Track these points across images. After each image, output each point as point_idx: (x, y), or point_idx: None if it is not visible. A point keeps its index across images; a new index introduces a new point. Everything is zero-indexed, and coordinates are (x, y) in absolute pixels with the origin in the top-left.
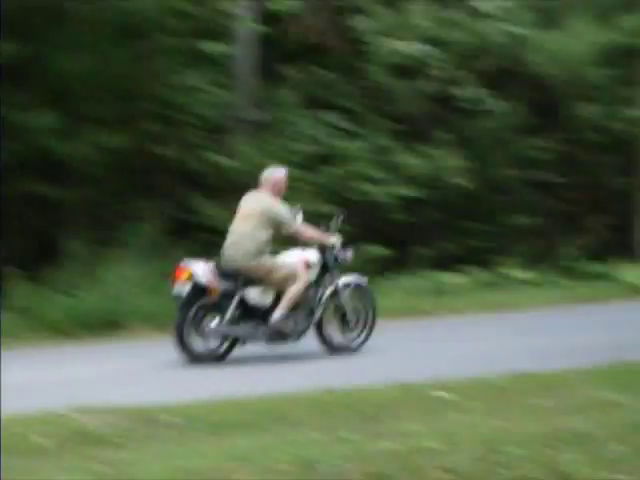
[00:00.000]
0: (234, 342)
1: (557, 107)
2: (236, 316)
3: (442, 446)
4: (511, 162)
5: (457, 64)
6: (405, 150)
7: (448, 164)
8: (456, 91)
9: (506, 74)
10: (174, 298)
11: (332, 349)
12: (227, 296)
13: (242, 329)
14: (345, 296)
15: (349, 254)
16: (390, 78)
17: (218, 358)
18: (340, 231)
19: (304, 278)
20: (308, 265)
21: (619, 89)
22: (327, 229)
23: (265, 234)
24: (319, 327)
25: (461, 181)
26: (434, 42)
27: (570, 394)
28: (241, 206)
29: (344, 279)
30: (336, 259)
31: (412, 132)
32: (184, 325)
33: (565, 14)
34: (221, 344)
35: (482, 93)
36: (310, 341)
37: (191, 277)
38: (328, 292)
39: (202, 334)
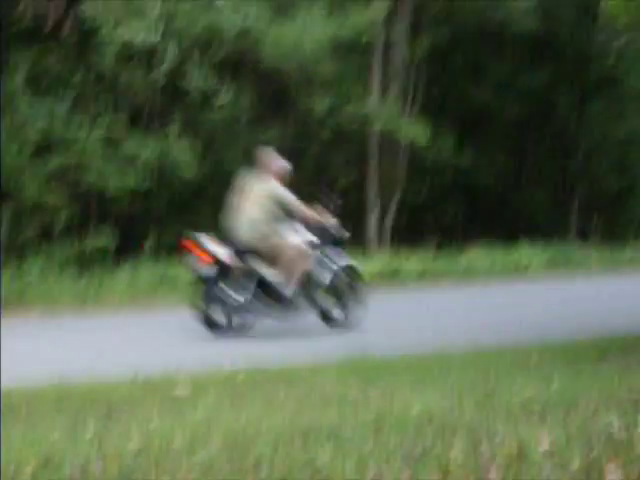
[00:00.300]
0: (253, 317)
1: (289, 100)
2: (255, 293)
3: (189, 444)
4: (242, 154)
5: (189, 54)
6: (134, 140)
7: (177, 154)
8: (187, 81)
9: (238, 65)
10: (197, 277)
11: (331, 324)
12: (246, 274)
13: (260, 303)
14: (341, 275)
15: (344, 234)
16: (120, 66)
17: (240, 331)
18: (335, 213)
19: (309, 257)
20: (310, 245)
21: (349, 84)
22: (324, 211)
23: (273, 216)
24: (319, 303)
25: (191, 172)
26: (166, 31)
27: (309, 389)
28: (245, 190)
29: (340, 259)
30: (333, 239)
31: (142, 122)
32: (210, 302)
33: (299, 6)
34: (243, 319)
35: (214, 84)
36: None
37: (215, 258)
38: (327, 270)
39: (226, 310)
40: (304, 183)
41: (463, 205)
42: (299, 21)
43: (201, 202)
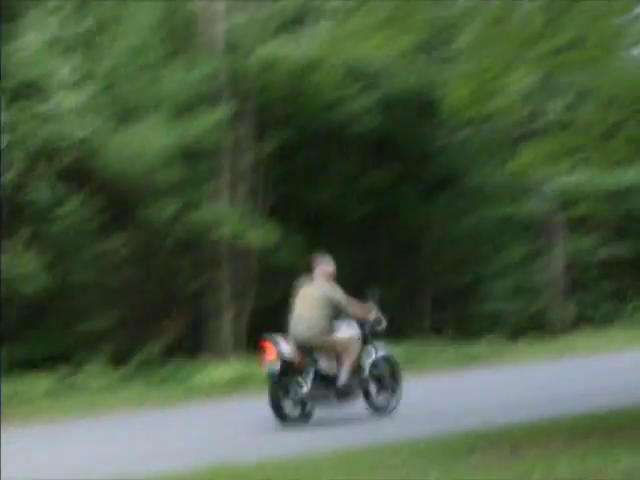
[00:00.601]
0: (313, 406)
1: (135, 207)
2: (314, 383)
3: None
4: (87, 264)
5: (31, 163)
6: None
7: (24, 267)
8: (31, 191)
9: (83, 174)
10: (267, 373)
11: (375, 410)
12: (306, 367)
13: (320, 393)
14: (382, 364)
15: (383, 325)
16: None
17: (306, 419)
18: (378, 306)
19: (357, 348)
20: (358, 337)
21: (195, 189)
22: (368, 306)
23: (326, 314)
24: (366, 391)
25: (36, 284)
26: (7, 141)
27: None
28: (302, 293)
29: (380, 350)
30: (372, 330)
31: None
32: (279, 394)
33: (141, 113)
34: (305, 407)
35: (58, 193)
36: None
37: (279, 355)
38: (370, 360)
39: (292, 400)
40: (153, 289)
41: None
42: (142, 128)
43: (50, 314)
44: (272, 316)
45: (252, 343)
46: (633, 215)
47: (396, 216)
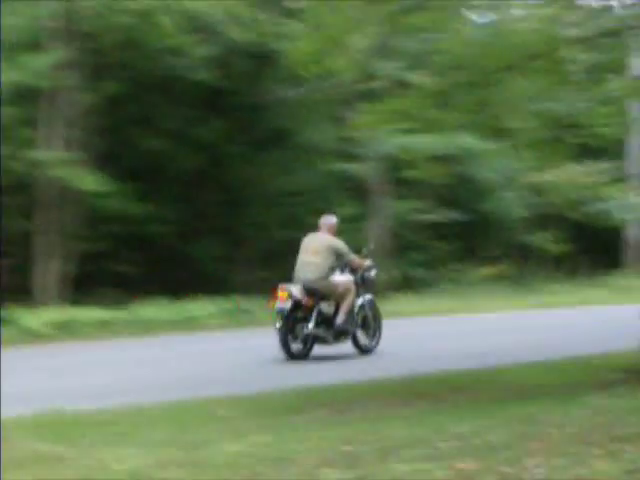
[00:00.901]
0: (313, 343)
1: None
2: (317, 322)
3: None
4: None
5: None
6: None
7: None
8: None
9: None
10: (277, 312)
11: (361, 350)
12: (311, 309)
13: (321, 332)
14: (367, 308)
15: (374, 273)
16: None
17: (306, 356)
18: (369, 256)
19: (354, 292)
20: (354, 283)
21: (23, 131)
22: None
23: (330, 262)
24: (356, 331)
25: None
26: None
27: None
28: (307, 242)
29: (365, 295)
30: (363, 278)
31: None
32: (287, 332)
33: None
34: (306, 345)
35: None
36: None
37: (290, 296)
38: (359, 304)
39: (296, 338)
40: None
41: (139, 256)
42: None
43: None
44: (95, 264)
45: (79, 287)
46: (461, 181)
47: (225, 170)
